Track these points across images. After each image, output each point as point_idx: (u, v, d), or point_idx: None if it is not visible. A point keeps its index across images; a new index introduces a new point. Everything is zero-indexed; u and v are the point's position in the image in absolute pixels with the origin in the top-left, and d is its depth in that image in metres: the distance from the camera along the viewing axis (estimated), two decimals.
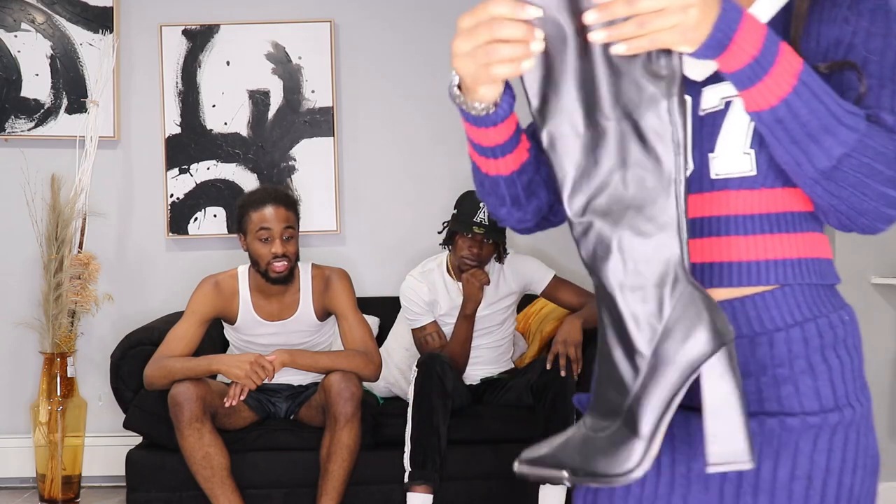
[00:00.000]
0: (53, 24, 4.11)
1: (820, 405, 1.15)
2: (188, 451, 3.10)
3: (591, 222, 1.03)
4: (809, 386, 1.15)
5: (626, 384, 1.02)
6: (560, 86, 1.03)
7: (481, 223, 3.44)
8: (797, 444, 1.14)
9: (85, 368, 4.10)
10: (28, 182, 4.02)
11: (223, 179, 4.17)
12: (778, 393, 1.15)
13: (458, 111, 1.16)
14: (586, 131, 1.03)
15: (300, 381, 3.49)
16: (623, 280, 1.02)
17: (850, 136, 1.05)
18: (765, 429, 1.14)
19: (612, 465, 1.01)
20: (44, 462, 3.83)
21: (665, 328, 1.02)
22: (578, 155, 1.03)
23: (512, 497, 3.35)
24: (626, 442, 1.01)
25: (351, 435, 3.14)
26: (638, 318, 1.02)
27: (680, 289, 1.02)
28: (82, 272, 3.89)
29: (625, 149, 1.02)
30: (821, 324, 1.17)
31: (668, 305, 1.02)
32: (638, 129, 1.01)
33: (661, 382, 1.01)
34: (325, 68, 4.15)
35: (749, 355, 1.17)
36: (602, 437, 1.02)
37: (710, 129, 1.16)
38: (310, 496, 3.27)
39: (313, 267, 3.44)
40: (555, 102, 1.03)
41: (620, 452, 1.01)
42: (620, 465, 1.01)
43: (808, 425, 1.14)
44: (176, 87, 4.15)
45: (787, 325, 1.16)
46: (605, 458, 1.01)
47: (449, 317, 3.60)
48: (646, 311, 1.02)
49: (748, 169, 1.15)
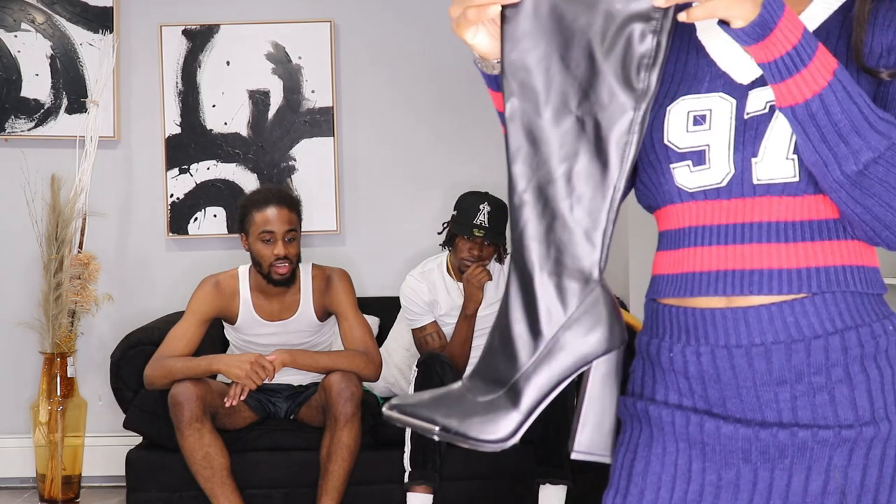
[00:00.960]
0: (53, 24, 4.12)
1: (856, 416, 1.13)
2: (188, 451, 3.10)
3: (528, 201, 1.07)
4: (846, 395, 1.13)
5: (518, 359, 1.06)
6: (536, 63, 1.07)
7: (481, 225, 3.44)
8: (830, 459, 1.12)
9: (85, 368, 4.11)
10: (28, 182, 4.02)
11: (223, 179, 4.17)
12: (812, 401, 1.14)
13: (458, 112, 1.17)
14: (550, 116, 1.06)
15: (300, 381, 3.49)
16: (543, 264, 1.06)
17: (880, 142, 1.05)
18: (796, 440, 1.13)
19: (485, 431, 1.04)
20: (44, 462, 3.83)
21: (569, 318, 1.06)
22: (536, 134, 1.07)
23: (512, 497, 3.35)
24: (504, 412, 1.05)
25: (351, 435, 3.14)
26: (549, 303, 1.06)
27: (591, 287, 1.07)
28: (82, 272, 3.89)
29: (579, 144, 1.06)
30: (862, 333, 1.15)
31: (577, 299, 1.06)
32: (597, 131, 1.06)
33: (553, 366, 1.06)
34: (325, 68, 4.15)
35: (784, 361, 1.15)
36: (480, 402, 1.06)
37: (754, 134, 1.15)
38: (310, 496, 3.27)
39: (313, 267, 3.44)
40: (524, 75, 1.07)
41: (497, 421, 1.05)
42: (494, 433, 1.05)
43: (842, 439, 1.12)
44: (176, 87, 4.15)
45: (826, 333, 1.14)
46: (480, 422, 1.05)
47: (449, 317, 3.60)
48: (557, 298, 1.06)
49: (791, 175, 1.14)
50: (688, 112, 1.19)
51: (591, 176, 1.06)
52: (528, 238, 1.07)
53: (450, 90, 4.17)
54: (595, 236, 1.06)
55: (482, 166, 4.07)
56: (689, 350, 1.19)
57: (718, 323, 1.18)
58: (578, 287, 1.06)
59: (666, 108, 1.21)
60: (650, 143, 1.22)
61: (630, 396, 1.28)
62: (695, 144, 1.18)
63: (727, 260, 1.16)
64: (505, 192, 3.66)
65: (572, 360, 1.06)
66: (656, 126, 1.21)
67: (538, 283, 1.06)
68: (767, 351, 1.16)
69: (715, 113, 1.17)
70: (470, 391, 1.07)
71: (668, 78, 1.24)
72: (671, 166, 1.20)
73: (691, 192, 1.19)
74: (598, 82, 1.05)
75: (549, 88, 1.06)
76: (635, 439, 1.24)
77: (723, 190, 1.17)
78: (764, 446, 1.15)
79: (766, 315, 1.15)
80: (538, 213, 1.07)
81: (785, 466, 1.14)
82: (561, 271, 1.06)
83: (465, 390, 1.08)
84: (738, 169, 1.16)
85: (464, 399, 1.06)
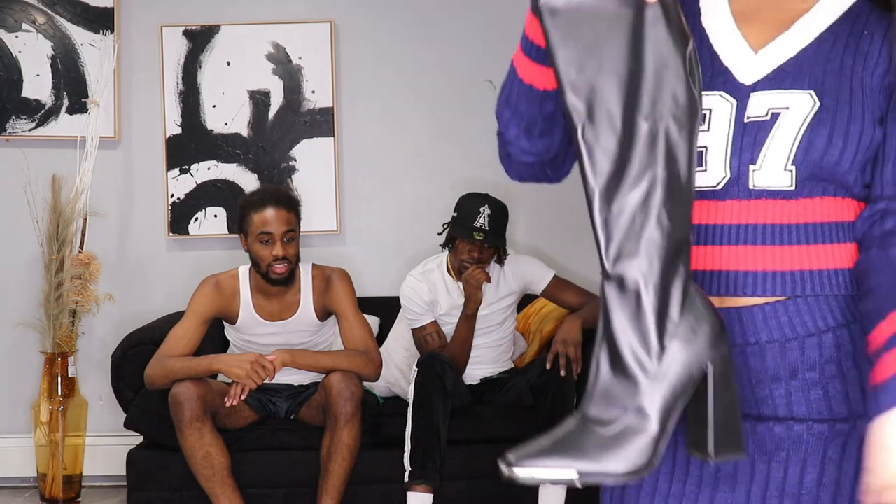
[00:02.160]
0: (54, 25, 4.12)
1: (850, 410, 1.15)
2: (189, 450, 3.10)
3: (626, 214, 1.03)
4: (839, 390, 1.15)
5: (635, 377, 1.01)
6: (604, 65, 1.03)
7: (481, 228, 3.45)
8: (825, 451, 1.14)
9: (86, 368, 4.11)
10: (29, 182, 4.02)
11: (223, 180, 4.17)
12: (807, 396, 1.15)
13: (458, 112, 1.16)
14: (621, 127, 1.03)
15: (300, 381, 3.49)
16: (647, 276, 1.02)
17: None
18: (792, 434, 1.14)
19: (623, 463, 0.98)
20: (45, 462, 3.84)
21: (674, 325, 1.03)
22: (613, 149, 1.03)
23: (512, 497, 3.35)
24: (635, 438, 1.00)
25: (351, 435, 3.15)
26: (656, 314, 1.02)
27: (690, 290, 1.05)
28: (83, 272, 3.89)
29: (656, 150, 1.03)
30: (854, 330, 1.16)
31: (678, 304, 1.03)
32: (667, 137, 1.03)
33: (670, 376, 1.02)
34: (325, 68, 4.16)
35: (779, 359, 1.16)
36: (608, 433, 1.00)
37: (753, 140, 1.15)
38: (310, 496, 3.27)
39: (314, 267, 3.44)
40: (595, 76, 1.03)
41: (631, 448, 0.99)
42: (633, 462, 0.99)
43: (837, 432, 1.14)
44: (176, 88, 4.16)
45: (819, 331, 1.16)
46: (614, 454, 0.99)
47: (449, 317, 3.60)
48: (661, 306, 1.02)
49: (788, 184, 1.15)
50: None
51: (676, 177, 1.05)
52: (627, 255, 1.03)
53: (450, 90, 4.17)
54: (684, 235, 1.06)
55: (482, 166, 4.07)
56: None
57: None
58: (678, 293, 1.04)
59: None
60: None
61: None
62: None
63: (721, 260, 1.16)
64: (505, 193, 3.66)
65: (686, 369, 1.03)
66: None
67: (644, 296, 1.03)
68: (762, 350, 1.17)
69: (714, 113, 1.17)
70: (592, 422, 1.01)
71: None
72: None
73: None
74: (663, 90, 1.04)
75: (620, 96, 1.04)
76: None
77: (718, 192, 1.17)
78: (760, 440, 1.16)
79: (759, 315, 1.16)
80: (636, 226, 1.03)
81: (781, 459, 1.15)
82: (657, 282, 1.03)
83: (584, 422, 1.02)
84: (734, 174, 1.16)
85: (587, 432, 1.01)
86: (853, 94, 1.15)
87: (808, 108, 1.14)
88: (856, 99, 1.15)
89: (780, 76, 1.17)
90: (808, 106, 1.14)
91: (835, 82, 1.15)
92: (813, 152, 1.14)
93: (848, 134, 1.14)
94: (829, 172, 1.15)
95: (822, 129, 1.14)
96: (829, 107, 1.14)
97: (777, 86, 1.17)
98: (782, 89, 1.16)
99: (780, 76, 1.17)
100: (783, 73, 1.17)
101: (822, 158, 1.14)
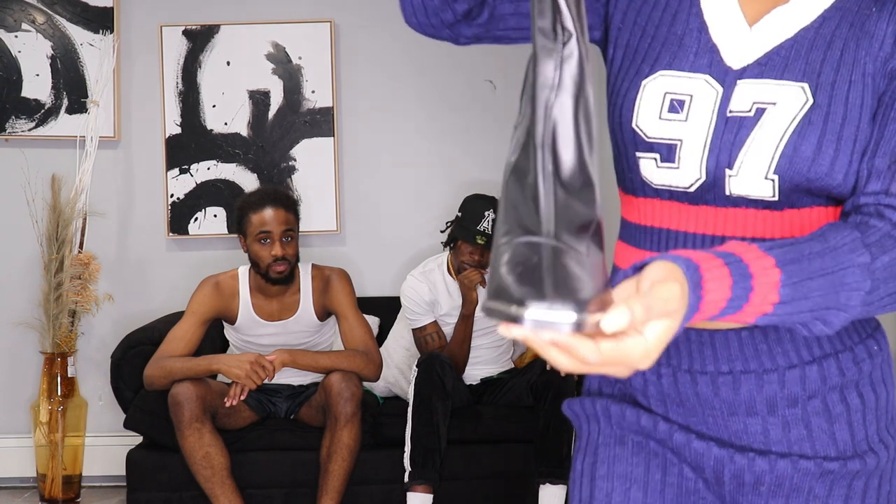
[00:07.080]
0: (54, 25, 4.12)
1: (837, 451, 1.03)
2: (188, 450, 3.10)
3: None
4: (825, 430, 1.03)
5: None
6: None
7: (485, 232, 3.45)
8: (811, 488, 1.03)
9: (85, 368, 4.11)
10: (28, 182, 4.02)
11: (223, 179, 4.17)
12: (787, 436, 1.04)
13: (458, 112, 1.12)
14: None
15: (300, 381, 3.49)
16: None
17: (860, 286, 0.91)
18: (776, 470, 1.03)
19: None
20: (44, 462, 3.84)
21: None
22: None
23: (512, 497, 3.35)
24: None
25: (351, 435, 3.15)
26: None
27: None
28: (83, 272, 3.89)
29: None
30: (843, 359, 1.03)
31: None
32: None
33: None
34: (325, 68, 4.15)
35: (755, 393, 1.03)
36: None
37: (732, 139, 1.01)
38: (310, 496, 3.27)
39: (313, 267, 3.44)
40: None
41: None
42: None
43: (824, 470, 1.03)
44: (176, 88, 4.16)
45: (802, 362, 1.03)
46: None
47: (449, 317, 3.60)
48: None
49: (770, 195, 1.00)
50: (664, 93, 1.04)
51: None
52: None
53: (450, 90, 4.17)
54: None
55: (483, 166, 4.08)
56: (649, 370, 1.06)
57: (681, 344, 1.05)
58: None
59: (640, 83, 1.05)
60: (618, 123, 1.07)
61: (587, 396, 1.15)
62: (666, 136, 1.03)
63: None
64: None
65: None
66: (627, 104, 1.06)
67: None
68: (736, 380, 1.04)
69: (696, 101, 1.03)
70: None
71: (653, 30, 1.07)
72: (637, 154, 1.05)
73: (656, 188, 1.05)
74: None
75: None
76: (594, 441, 1.12)
77: (690, 195, 1.03)
78: (738, 470, 1.05)
79: (735, 340, 1.03)
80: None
81: (761, 493, 1.04)
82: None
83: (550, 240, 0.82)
84: (709, 177, 1.02)
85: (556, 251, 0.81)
86: (852, 86, 1.01)
87: (798, 105, 1.00)
88: (854, 93, 1.01)
89: (773, 61, 1.03)
90: (799, 103, 1.00)
91: (833, 73, 1.01)
92: (798, 162, 0.99)
93: (840, 140, 0.99)
94: (818, 186, 1.00)
95: (812, 133, 0.99)
96: (822, 105, 1.00)
97: (767, 74, 1.03)
98: (772, 79, 1.02)
99: (773, 61, 1.03)
100: (776, 57, 1.03)
101: (810, 169, 0.99)
